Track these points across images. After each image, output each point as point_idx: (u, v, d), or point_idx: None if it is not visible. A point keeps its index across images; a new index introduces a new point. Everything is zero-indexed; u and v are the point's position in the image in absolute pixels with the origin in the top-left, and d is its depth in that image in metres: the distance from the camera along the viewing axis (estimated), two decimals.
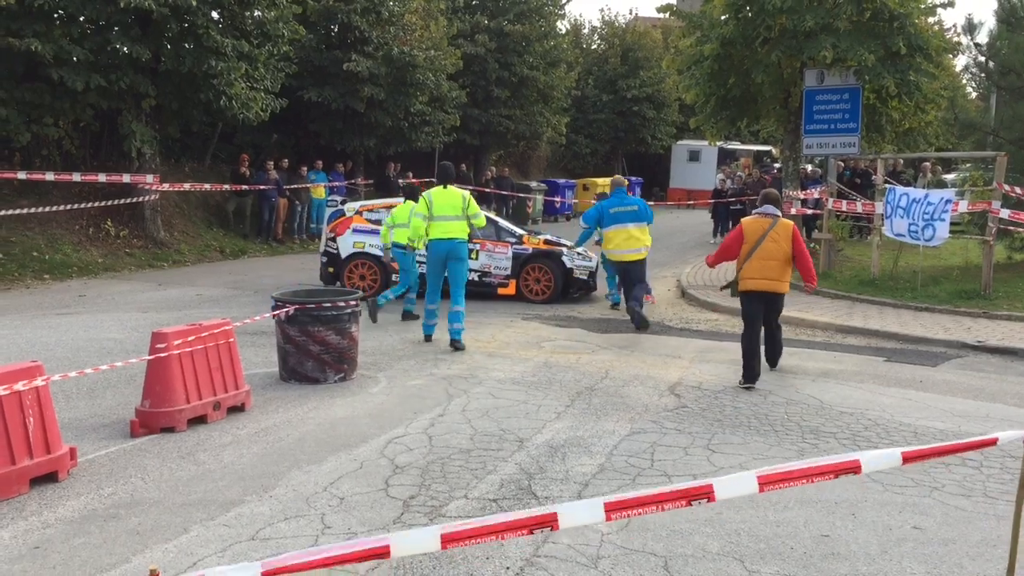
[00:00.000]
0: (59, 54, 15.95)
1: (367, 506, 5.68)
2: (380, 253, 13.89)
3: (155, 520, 5.40)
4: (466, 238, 10.66)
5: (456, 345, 10.44)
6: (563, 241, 14.66)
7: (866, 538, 5.29)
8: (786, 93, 17.71)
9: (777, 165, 30.00)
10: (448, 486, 6.05)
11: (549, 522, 3.26)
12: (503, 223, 15.04)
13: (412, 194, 12.43)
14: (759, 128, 29.59)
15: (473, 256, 13.83)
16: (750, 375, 8.95)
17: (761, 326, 9.28)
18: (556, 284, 14.19)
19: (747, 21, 16.21)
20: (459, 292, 10.56)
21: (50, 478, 5.97)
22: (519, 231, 14.72)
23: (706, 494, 3.53)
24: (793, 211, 17.83)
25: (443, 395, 8.43)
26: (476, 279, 14.11)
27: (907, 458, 3.74)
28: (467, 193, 10.86)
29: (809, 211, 18.15)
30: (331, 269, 14.33)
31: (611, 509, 3.35)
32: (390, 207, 14.37)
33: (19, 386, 5.75)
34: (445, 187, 10.66)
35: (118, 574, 4.69)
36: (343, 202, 15.13)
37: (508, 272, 14.29)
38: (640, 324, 11.95)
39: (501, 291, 14.25)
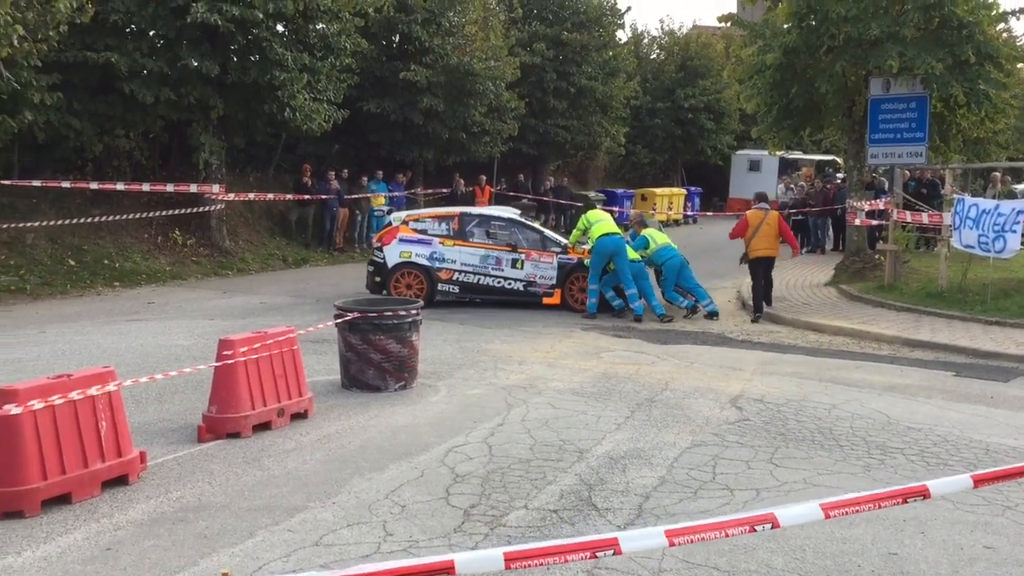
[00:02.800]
0: (133, 67, 16.41)
1: (428, 514, 5.71)
2: (427, 263, 14.04)
3: (222, 524, 5.50)
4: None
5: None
6: None
7: (936, 557, 5.17)
8: (850, 102, 17.42)
9: (840, 175, 29.55)
10: (508, 496, 6.06)
11: (611, 546, 3.26)
12: (549, 233, 15.11)
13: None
14: (822, 137, 29.15)
15: (519, 266, 14.11)
16: (759, 308, 13.93)
17: (763, 279, 14.02)
18: (602, 293, 14.14)
19: (810, 30, 15.98)
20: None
21: (121, 481, 6.13)
22: (564, 241, 14.75)
23: (769, 522, 3.47)
24: (857, 222, 17.56)
25: (502, 405, 8.45)
26: (521, 288, 14.20)
27: (978, 481, 3.65)
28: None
29: (874, 222, 17.83)
30: (377, 279, 14.40)
31: (674, 536, 3.32)
32: (436, 217, 14.54)
33: (93, 390, 5.91)
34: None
35: None
36: (389, 211, 15.25)
37: (553, 281, 14.29)
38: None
39: (546, 300, 14.25)
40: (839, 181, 25.13)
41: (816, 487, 6.27)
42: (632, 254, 13.95)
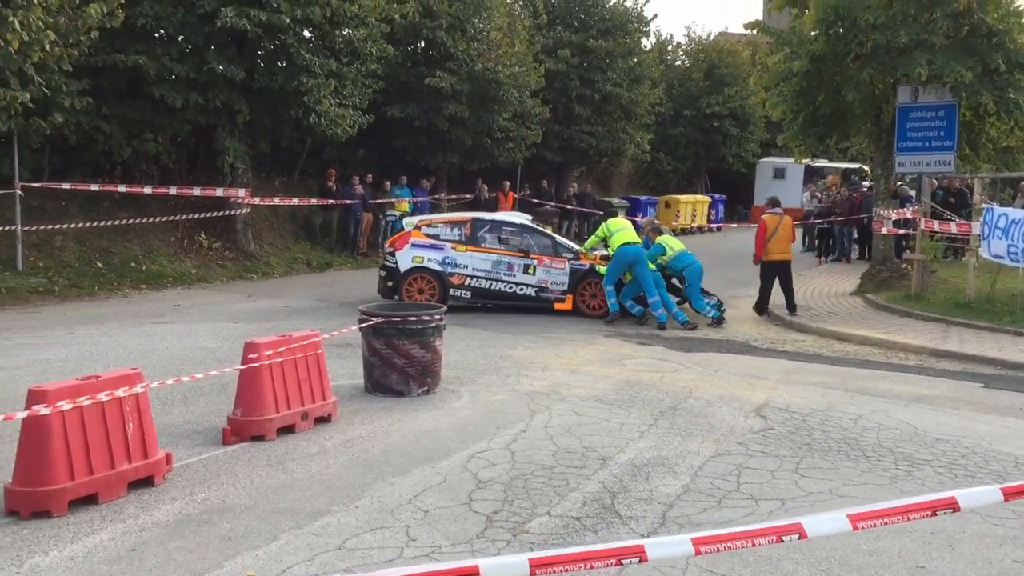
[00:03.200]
0: (161, 72, 16.58)
1: (451, 520, 5.71)
2: (439, 268, 14.10)
3: (246, 526, 5.53)
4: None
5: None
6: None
7: (964, 571, 5.10)
8: (878, 110, 17.30)
9: (866, 183, 29.33)
10: (531, 502, 6.05)
11: (637, 554, 3.24)
12: (560, 239, 15.11)
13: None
14: (848, 146, 28.98)
15: (531, 271, 14.13)
16: (764, 307, 14.74)
17: (780, 283, 14.59)
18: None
19: (838, 37, 15.91)
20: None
21: (147, 482, 6.17)
22: (575, 247, 14.77)
23: (796, 532, 3.43)
24: (884, 231, 17.43)
25: (525, 411, 8.44)
26: (533, 294, 14.22)
27: (1008, 494, 3.60)
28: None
29: (900, 231, 17.69)
30: (389, 283, 14.40)
31: (700, 544, 3.30)
32: (449, 222, 14.58)
33: (120, 392, 5.96)
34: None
35: None
36: (401, 217, 15.30)
37: (565, 287, 14.28)
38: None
39: (558, 306, 14.24)
40: (865, 189, 24.95)
41: (842, 498, 6.21)
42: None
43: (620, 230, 13.93)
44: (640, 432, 7.80)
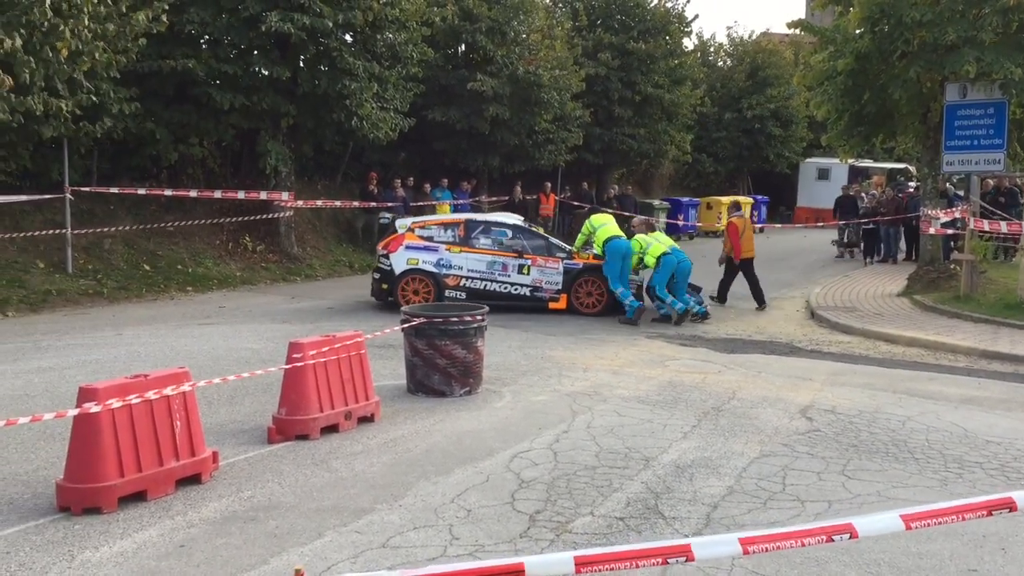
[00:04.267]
0: (209, 73, 16.83)
1: (494, 519, 5.71)
2: (434, 269, 14.18)
3: (291, 524, 5.58)
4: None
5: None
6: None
7: (1017, 574, 4.99)
8: (925, 108, 17.01)
9: (912, 183, 28.85)
10: (574, 502, 6.03)
11: (683, 553, 3.21)
12: (553, 239, 15.13)
13: None
14: (894, 145, 28.50)
15: (525, 271, 14.26)
16: (725, 298, 15.80)
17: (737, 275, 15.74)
18: (608, 298, 14.21)
19: (883, 35, 15.66)
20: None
21: (194, 480, 6.25)
22: (568, 247, 14.86)
23: (847, 532, 3.37)
24: (932, 231, 17.14)
25: (567, 411, 8.42)
26: (528, 294, 14.28)
27: None
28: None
29: (949, 231, 17.37)
30: (384, 286, 14.44)
31: (748, 544, 3.26)
32: (442, 224, 14.70)
33: (168, 391, 6.05)
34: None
35: (257, 574, 4.86)
36: (393, 219, 15.37)
37: (559, 287, 14.34)
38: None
39: (552, 305, 14.27)
40: (912, 190, 24.55)
41: (891, 500, 6.11)
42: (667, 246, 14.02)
43: (602, 226, 14.03)
44: (683, 433, 7.74)
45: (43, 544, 5.24)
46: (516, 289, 14.33)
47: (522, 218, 16.09)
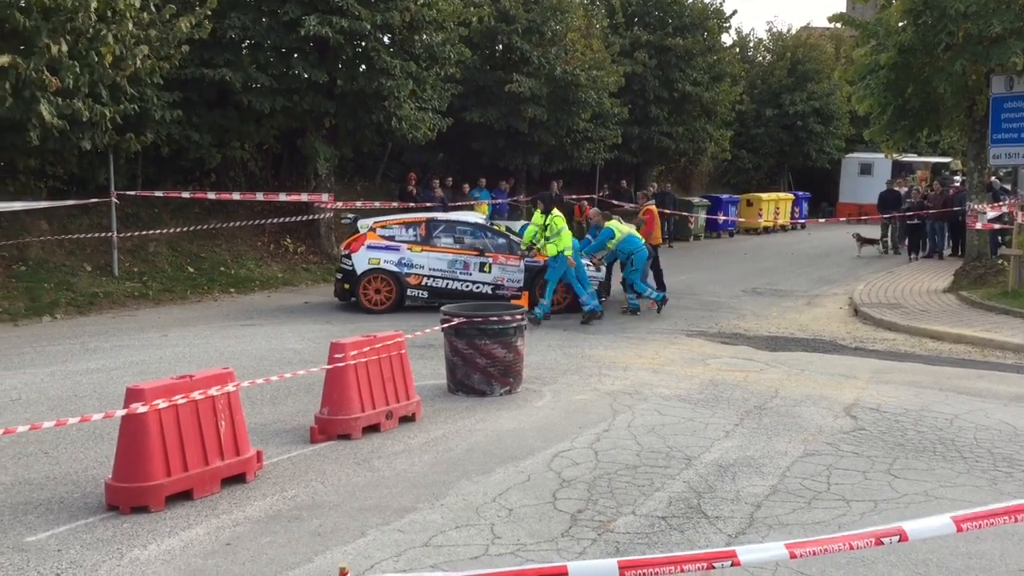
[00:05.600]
0: (246, 82, 17.03)
1: (535, 518, 5.71)
2: (395, 269, 14.23)
3: (334, 523, 5.62)
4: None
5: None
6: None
7: None
8: (970, 101, 16.71)
9: (957, 178, 28.38)
10: (615, 501, 6.01)
11: (729, 558, 3.19)
12: (514, 237, 15.05)
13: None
14: (938, 139, 28.06)
15: (486, 269, 14.31)
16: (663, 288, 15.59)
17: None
18: (571, 295, 14.13)
19: (927, 27, 15.41)
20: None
21: (239, 479, 6.33)
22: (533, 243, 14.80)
23: (897, 534, 3.31)
24: (979, 226, 16.83)
25: (608, 410, 8.40)
26: (490, 292, 14.27)
27: None
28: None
29: (996, 225, 17.04)
30: (346, 286, 14.49)
31: (795, 548, 3.22)
32: (404, 224, 14.72)
33: (213, 391, 6.13)
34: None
35: (302, 573, 4.91)
36: (355, 219, 15.39)
37: (520, 284, 14.37)
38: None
39: (514, 302, 14.09)
40: (958, 184, 24.12)
41: (938, 500, 6.01)
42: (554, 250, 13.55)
43: (564, 230, 13.60)
44: (725, 432, 7.68)
45: (93, 542, 5.34)
46: (478, 287, 14.34)
47: (484, 216, 16.04)
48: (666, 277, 16.19)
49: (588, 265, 14.31)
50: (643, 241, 14.60)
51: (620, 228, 14.48)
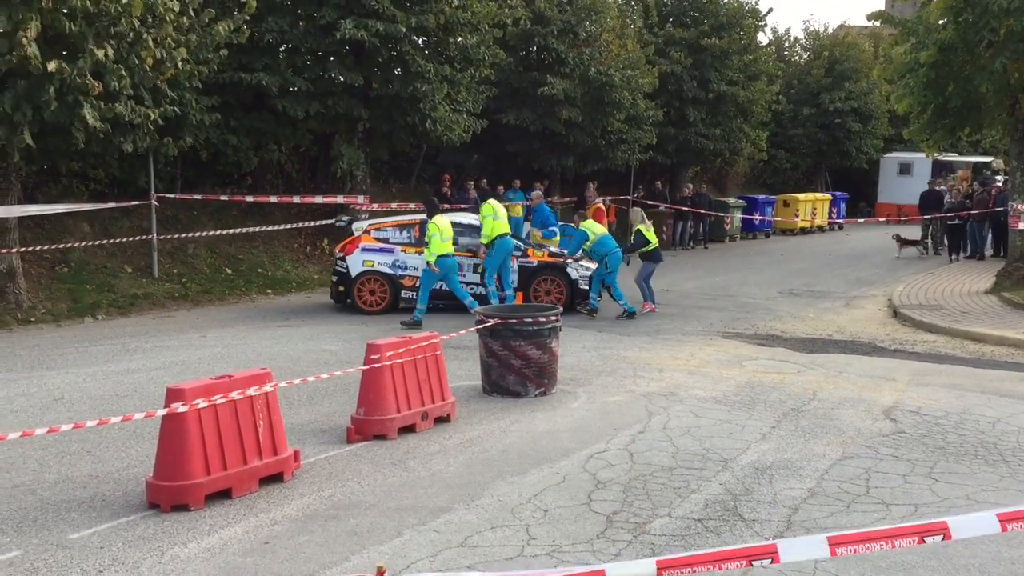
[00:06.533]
0: (283, 86, 17.21)
1: (570, 519, 5.71)
2: (389, 271, 14.32)
3: (371, 523, 5.66)
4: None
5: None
6: (564, 252, 14.96)
7: None
8: (1013, 100, 16.43)
9: (999, 177, 27.88)
10: (651, 503, 5.99)
11: (768, 554, 3.16)
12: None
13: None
14: (980, 138, 27.59)
15: (480, 270, 14.37)
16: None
17: None
18: (567, 294, 14.27)
19: (968, 25, 15.17)
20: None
21: (276, 479, 6.39)
22: (523, 245, 14.90)
23: (940, 532, 3.27)
24: (1021, 226, 16.56)
25: (643, 412, 8.37)
26: (483, 293, 14.19)
27: None
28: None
29: None
30: (341, 288, 14.54)
31: (836, 544, 3.18)
32: (398, 226, 14.78)
33: (251, 391, 6.20)
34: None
35: (339, 572, 4.95)
36: (350, 222, 15.36)
37: (515, 285, 14.41)
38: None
39: None
40: (1000, 184, 23.72)
41: (980, 504, 5.92)
42: (445, 248, 13.36)
43: (495, 218, 13.85)
44: (762, 434, 7.63)
45: (134, 540, 5.42)
46: (471, 289, 14.28)
47: (478, 218, 15.94)
48: (701, 279, 16.09)
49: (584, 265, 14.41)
50: (616, 245, 14.31)
51: (594, 230, 14.28)
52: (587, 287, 14.30)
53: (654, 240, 14.75)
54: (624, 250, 14.62)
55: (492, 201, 14.47)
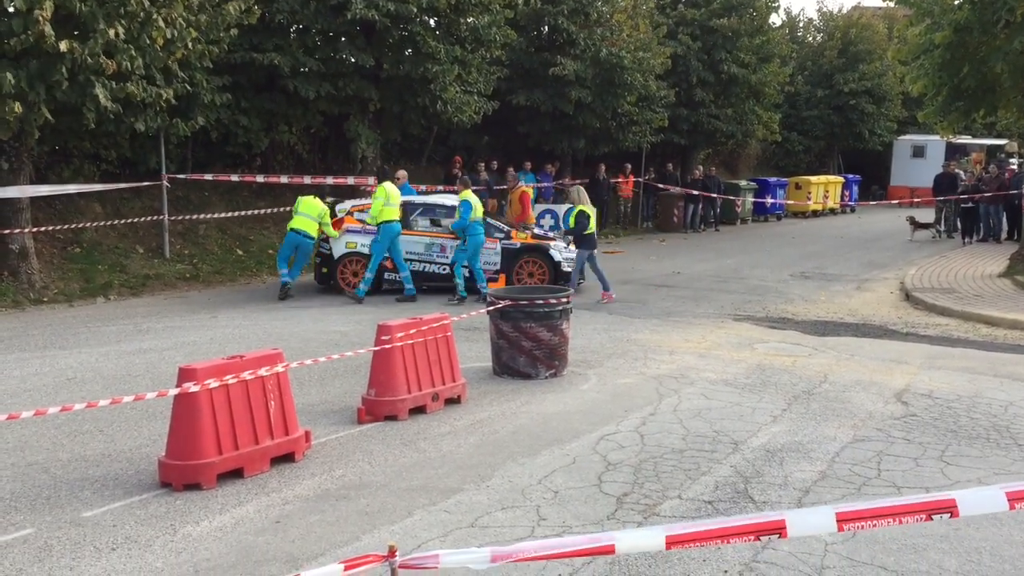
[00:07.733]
0: (294, 66, 17.17)
1: (581, 501, 5.72)
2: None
3: (382, 503, 5.68)
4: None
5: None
6: (550, 235, 14.99)
7: None
8: None
9: (1013, 160, 27.69)
10: (661, 485, 5.99)
11: (777, 529, 3.15)
12: (491, 220, 15.03)
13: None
14: (994, 120, 27.33)
15: (452, 262, 14.21)
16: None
17: None
18: (550, 277, 14.30)
19: (984, 5, 14.99)
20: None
21: (288, 458, 6.42)
22: (506, 227, 14.83)
23: (949, 509, 3.27)
24: None
25: (653, 394, 8.36)
26: (467, 274, 14.02)
27: None
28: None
29: None
30: (324, 269, 14.56)
31: (844, 520, 3.18)
32: None
33: (263, 371, 6.21)
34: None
35: (350, 551, 4.96)
36: (335, 203, 15.27)
37: (497, 267, 14.40)
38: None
39: (491, 286, 13.98)
40: (1014, 167, 23.54)
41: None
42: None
43: (387, 203, 13.56)
44: (773, 416, 7.61)
45: (147, 518, 5.46)
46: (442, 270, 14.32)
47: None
48: (712, 261, 16.03)
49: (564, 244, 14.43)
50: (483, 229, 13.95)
51: (475, 205, 13.72)
52: (570, 269, 14.23)
53: (593, 225, 14.05)
54: (567, 233, 14.32)
55: (387, 184, 14.03)
